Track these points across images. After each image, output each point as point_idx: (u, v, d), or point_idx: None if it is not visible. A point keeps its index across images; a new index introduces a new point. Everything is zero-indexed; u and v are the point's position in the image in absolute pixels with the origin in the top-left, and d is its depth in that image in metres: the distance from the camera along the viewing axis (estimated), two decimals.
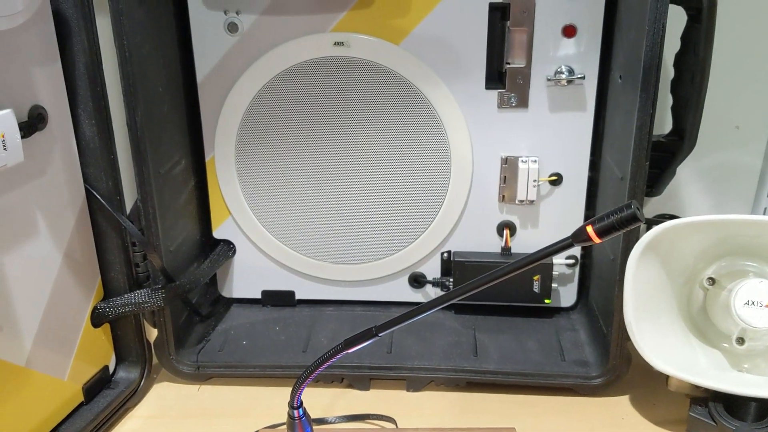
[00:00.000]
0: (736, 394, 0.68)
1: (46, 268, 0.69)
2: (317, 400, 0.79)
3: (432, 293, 0.91)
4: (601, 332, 0.82)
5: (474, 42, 0.79)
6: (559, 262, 0.86)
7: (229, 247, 0.91)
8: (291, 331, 0.88)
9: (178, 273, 0.83)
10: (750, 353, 0.71)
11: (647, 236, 0.69)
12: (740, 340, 0.69)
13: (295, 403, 0.62)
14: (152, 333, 0.82)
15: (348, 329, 0.88)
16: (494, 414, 0.77)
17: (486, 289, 0.56)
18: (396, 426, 0.75)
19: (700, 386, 0.70)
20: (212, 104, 0.84)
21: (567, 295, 0.90)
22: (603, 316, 0.82)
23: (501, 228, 0.86)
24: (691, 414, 0.71)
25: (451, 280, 0.87)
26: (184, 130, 0.85)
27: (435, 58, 0.79)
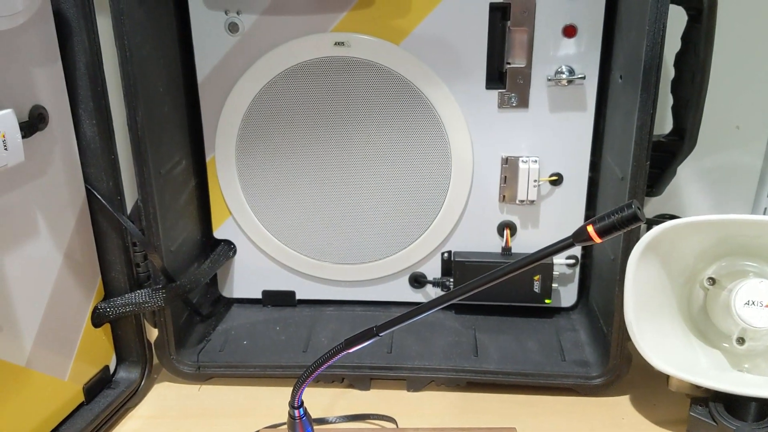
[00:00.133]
0: (737, 394, 0.68)
1: (47, 268, 0.69)
2: (318, 400, 0.79)
3: (432, 293, 0.91)
4: (602, 332, 0.82)
5: (474, 42, 0.79)
6: (560, 262, 0.86)
7: (229, 247, 0.91)
8: (291, 331, 0.88)
9: (178, 273, 0.83)
10: (750, 353, 0.71)
11: (647, 236, 0.69)
12: (740, 340, 0.69)
13: (296, 403, 0.62)
14: (153, 333, 0.82)
15: (348, 329, 0.88)
16: (494, 414, 0.77)
17: (486, 289, 0.56)
18: (396, 426, 0.75)
19: (700, 386, 0.70)
20: (213, 104, 0.84)
21: (567, 295, 0.90)
22: (603, 316, 0.82)
23: (501, 228, 0.87)
24: (691, 414, 0.71)
25: (452, 280, 0.87)
26: (185, 130, 0.85)
27: (435, 58, 0.79)
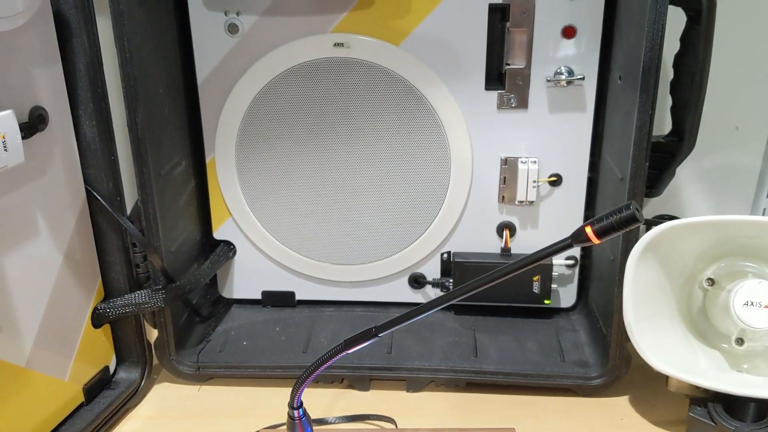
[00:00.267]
0: (736, 394, 0.68)
1: (47, 268, 0.70)
2: (317, 401, 0.79)
3: (432, 294, 0.91)
4: (601, 333, 0.82)
5: (474, 43, 0.79)
6: (559, 262, 0.87)
7: (229, 247, 0.91)
8: (291, 332, 0.88)
9: (178, 274, 0.83)
10: (749, 354, 0.71)
11: (647, 237, 0.69)
12: (739, 340, 0.69)
13: (295, 404, 0.62)
14: (153, 333, 0.82)
15: (348, 330, 0.88)
16: (494, 414, 0.77)
17: (486, 289, 0.56)
18: (396, 426, 0.76)
19: (699, 387, 0.70)
20: (213, 105, 0.84)
21: (567, 296, 0.90)
22: (603, 317, 0.82)
23: (501, 229, 0.87)
24: (690, 414, 0.71)
25: (451, 280, 0.87)
26: (185, 131, 0.85)
27: (435, 59, 0.79)
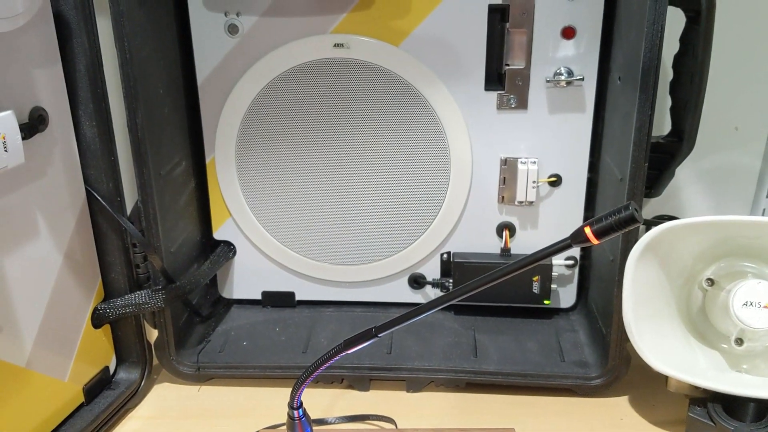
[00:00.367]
0: (735, 394, 0.68)
1: (47, 269, 0.70)
2: (317, 401, 0.79)
3: (432, 294, 0.91)
4: (601, 333, 0.82)
5: (473, 43, 0.79)
6: (559, 263, 0.87)
7: (229, 248, 0.91)
8: (291, 332, 0.88)
9: (178, 274, 0.83)
10: (749, 354, 0.71)
11: (646, 237, 0.69)
12: (739, 340, 0.69)
13: (295, 404, 0.62)
14: (153, 334, 0.82)
15: (348, 330, 0.88)
16: (494, 415, 0.77)
17: (485, 289, 0.56)
18: (396, 427, 0.76)
19: (699, 387, 0.70)
20: (213, 106, 0.84)
21: (566, 296, 0.90)
22: (602, 317, 0.82)
23: (500, 229, 0.87)
24: (690, 414, 0.71)
25: (451, 280, 0.88)
26: (185, 132, 0.85)
27: (434, 59, 0.79)
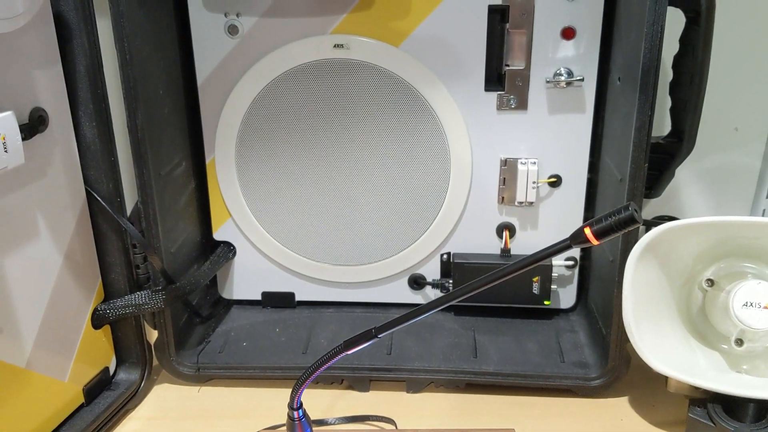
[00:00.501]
0: (735, 395, 0.68)
1: (47, 269, 0.70)
2: (317, 402, 0.79)
3: (432, 295, 0.91)
4: (601, 334, 0.82)
5: (473, 44, 0.79)
6: (559, 263, 0.87)
7: (229, 248, 0.91)
8: (291, 333, 0.88)
9: (178, 274, 0.83)
10: (749, 354, 0.71)
11: (646, 238, 0.69)
12: (739, 341, 0.69)
13: (295, 405, 0.62)
14: (152, 334, 0.82)
15: (348, 330, 0.88)
16: (494, 415, 0.77)
17: (485, 290, 0.56)
18: (396, 427, 0.76)
19: (699, 387, 0.70)
20: (213, 106, 0.84)
21: (566, 297, 0.90)
22: (602, 318, 0.82)
23: (500, 229, 0.87)
24: (690, 415, 0.71)
25: (451, 281, 0.87)
26: (185, 132, 0.85)
27: (434, 60, 0.79)
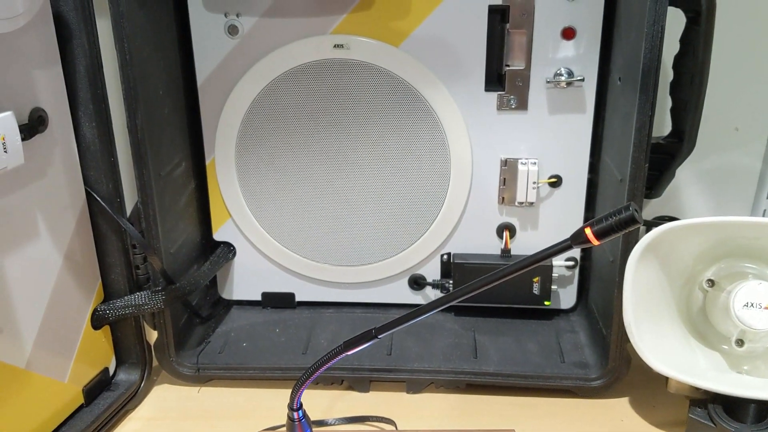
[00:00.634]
0: (736, 395, 0.68)
1: (47, 270, 0.70)
2: (317, 402, 0.79)
3: (432, 295, 0.91)
4: (601, 334, 0.82)
5: (473, 44, 0.79)
6: (559, 264, 0.87)
7: (229, 249, 0.91)
8: (291, 333, 0.88)
9: (178, 275, 0.83)
10: (749, 355, 0.71)
11: (646, 238, 0.69)
12: (739, 341, 0.69)
13: (295, 405, 0.62)
14: (152, 335, 0.82)
15: (348, 331, 0.88)
16: (494, 416, 0.77)
17: (486, 290, 0.56)
18: (396, 428, 0.75)
19: (699, 388, 0.70)
20: (213, 106, 0.84)
21: (567, 297, 0.90)
22: (602, 318, 0.82)
23: (501, 230, 0.87)
24: (690, 416, 0.71)
25: (451, 281, 0.87)
26: (185, 133, 0.85)
27: (434, 60, 0.79)
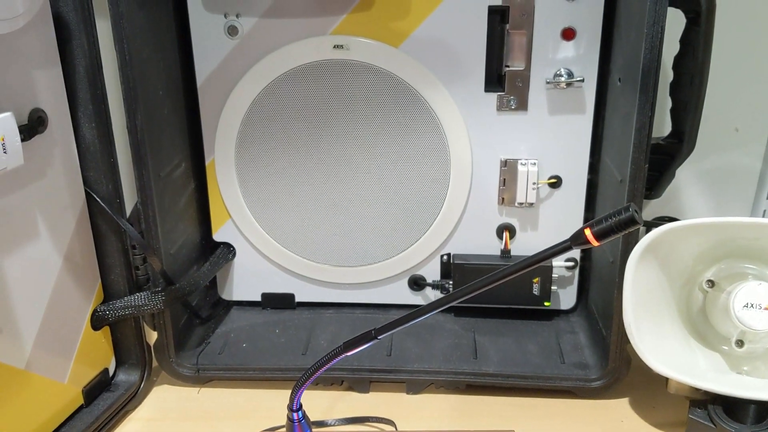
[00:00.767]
0: (736, 396, 0.68)
1: (47, 270, 0.70)
2: (317, 403, 0.79)
3: (432, 296, 0.91)
4: (601, 335, 0.82)
5: (473, 45, 0.79)
6: (559, 264, 0.86)
7: (228, 249, 0.91)
8: (291, 334, 0.88)
9: (178, 276, 0.83)
10: (749, 356, 0.71)
11: (646, 239, 0.69)
12: (739, 342, 0.69)
13: (295, 406, 0.62)
14: (152, 336, 0.82)
15: (348, 332, 0.88)
16: (494, 416, 0.77)
17: (486, 291, 0.56)
18: (395, 428, 0.75)
19: (699, 389, 0.70)
20: (212, 107, 0.84)
21: (566, 298, 0.90)
22: (602, 319, 0.82)
23: (500, 230, 0.87)
24: (690, 416, 0.71)
25: (451, 282, 0.87)
26: (185, 133, 0.85)
27: (434, 60, 0.79)
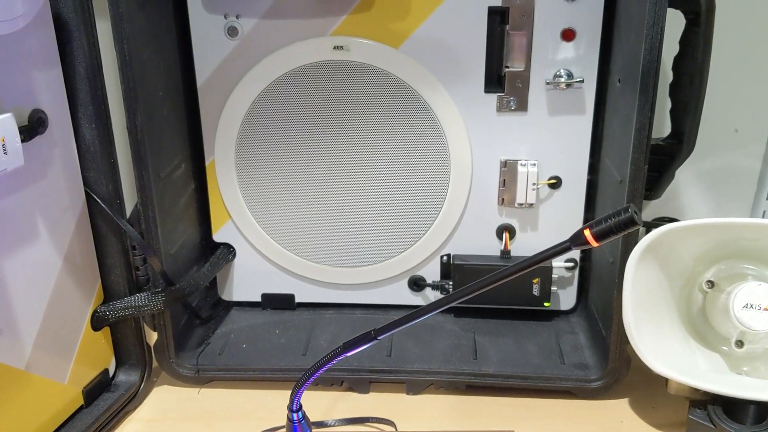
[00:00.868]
0: (735, 397, 0.68)
1: (47, 271, 0.70)
2: (317, 403, 0.79)
3: (431, 296, 0.91)
4: (601, 335, 0.82)
5: (473, 45, 0.79)
6: (559, 265, 0.86)
7: (229, 250, 0.91)
8: (291, 334, 0.88)
9: (178, 276, 0.83)
10: (749, 356, 0.71)
11: (646, 239, 0.69)
12: (739, 343, 0.69)
13: (295, 406, 0.62)
14: (152, 336, 0.82)
15: (348, 332, 0.88)
16: (494, 417, 0.77)
17: (485, 292, 0.56)
18: (395, 429, 0.75)
19: (699, 389, 0.70)
20: (212, 108, 0.84)
21: (566, 298, 0.90)
22: (602, 319, 0.82)
23: (500, 231, 0.87)
24: (690, 417, 0.71)
25: (451, 283, 0.87)
26: (185, 134, 0.85)
27: (434, 61, 0.79)
